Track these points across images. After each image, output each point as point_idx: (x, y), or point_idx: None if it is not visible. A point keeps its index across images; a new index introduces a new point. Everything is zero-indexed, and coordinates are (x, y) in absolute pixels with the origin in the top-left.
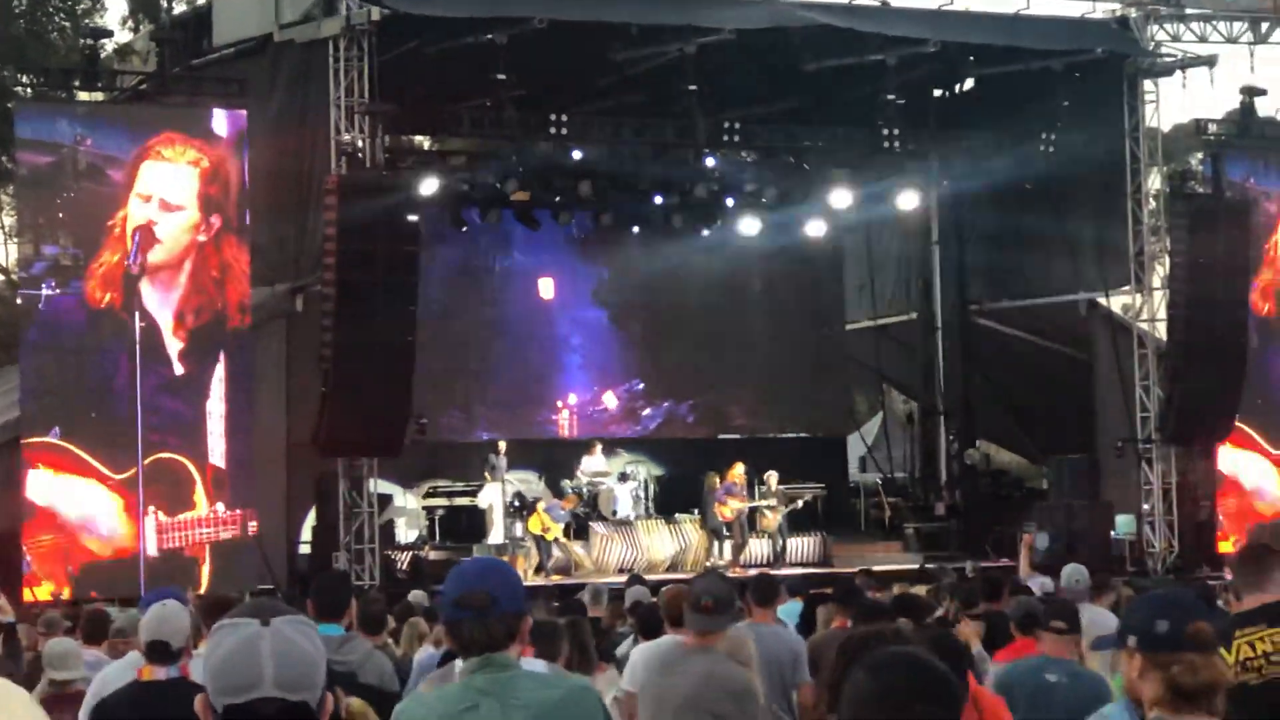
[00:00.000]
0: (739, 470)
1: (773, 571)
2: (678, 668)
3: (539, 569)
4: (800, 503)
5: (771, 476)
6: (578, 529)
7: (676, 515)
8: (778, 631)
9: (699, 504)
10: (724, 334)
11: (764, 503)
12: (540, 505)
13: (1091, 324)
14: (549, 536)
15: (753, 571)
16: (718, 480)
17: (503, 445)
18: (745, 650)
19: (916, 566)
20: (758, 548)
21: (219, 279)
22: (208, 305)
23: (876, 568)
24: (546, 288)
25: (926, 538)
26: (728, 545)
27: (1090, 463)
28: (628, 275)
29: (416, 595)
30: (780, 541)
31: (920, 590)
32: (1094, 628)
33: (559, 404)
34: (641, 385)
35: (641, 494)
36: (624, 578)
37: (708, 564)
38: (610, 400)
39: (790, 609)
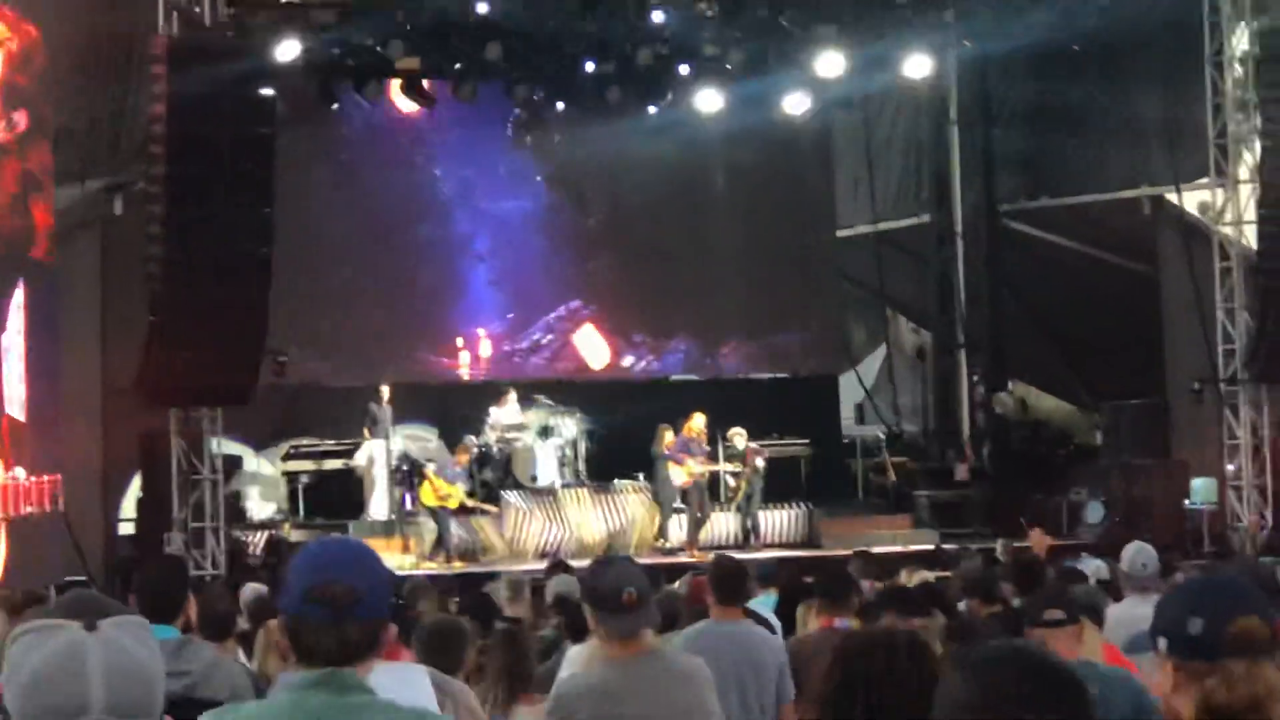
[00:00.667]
0: (698, 422)
1: (741, 555)
2: (627, 694)
3: (436, 551)
4: (764, 462)
5: (738, 435)
6: (486, 499)
7: (616, 482)
8: (751, 633)
9: (646, 468)
10: (677, 243)
11: (730, 466)
12: (430, 469)
13: (1158, 228)
14: (451, 504)
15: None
16: (670, 435)
17: (386, 391)
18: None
19: (931, 547)
20: (722, 524)
21: (19, 195)
22: (3, 226)
23: (877, 549)
24: (444, 183)
25: (943, 510)
26: (683, 521)
27: (1157, 410)
28: (551, 166)
29: (252, 589)
30: (750, 516)
31: (929, 577)
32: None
33: (460, 337)
34: (567, 310)
35: (570, 454)
36: (545, 564)
37: (659, 545)
38: (527, 331)
39: (762, 604)
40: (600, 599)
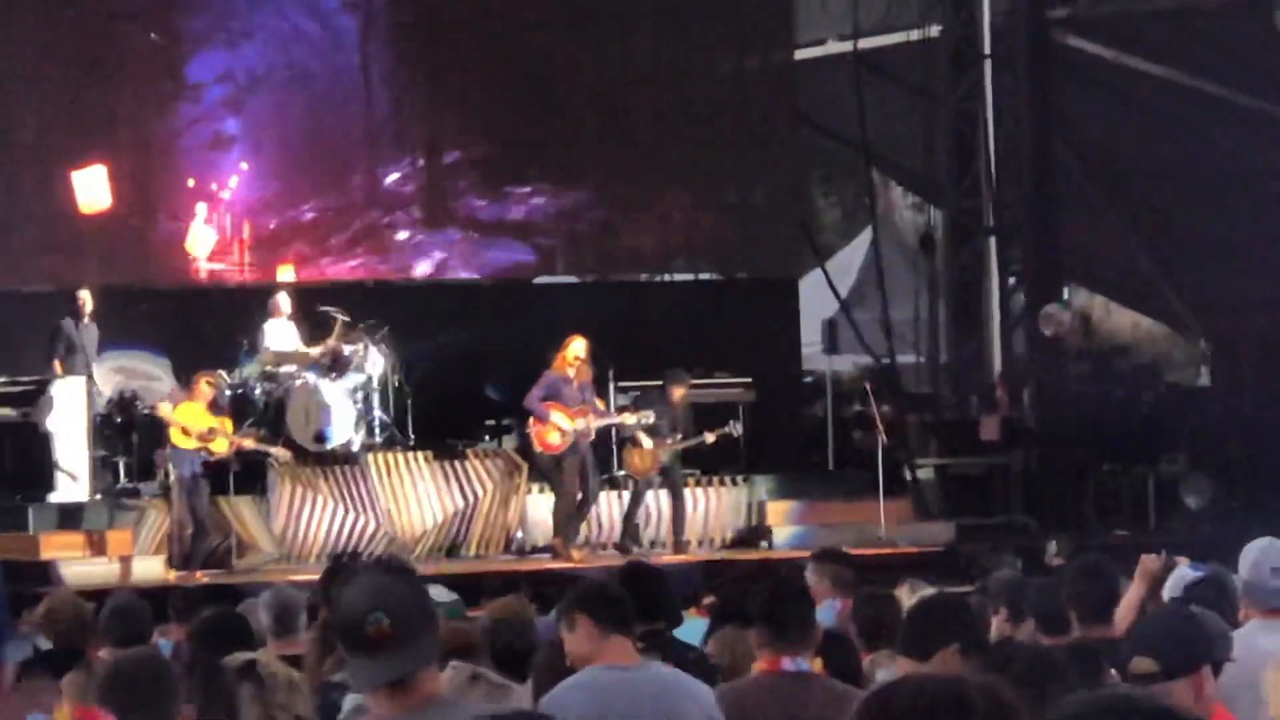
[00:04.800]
0: (576, 349)
1: (647, 557)
2: None
3: (179, 552)
4: (735, 428)
5: (676, 387)
6: (242, 473)
7: (458, 443)
8: (661, 680)
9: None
10: (564, 70)
11: (632, 418)
12: (164, 408)
13: None
14: (217, 445)
15: (607, 561)
16: (561, 364)
17: (86, 298)
18: None
19: (941, 547)
20: (612, 510)
21: None
22: None
23: (855, 549)
24: None
25: (962, 489)
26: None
27: None
28: None
29: None
30: (674, 495)
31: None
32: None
33: (196, 206)
34: (403, 173)
35: (378, 399)
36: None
37: (516, 536)
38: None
39: (687, 633)
40: (341, 630)
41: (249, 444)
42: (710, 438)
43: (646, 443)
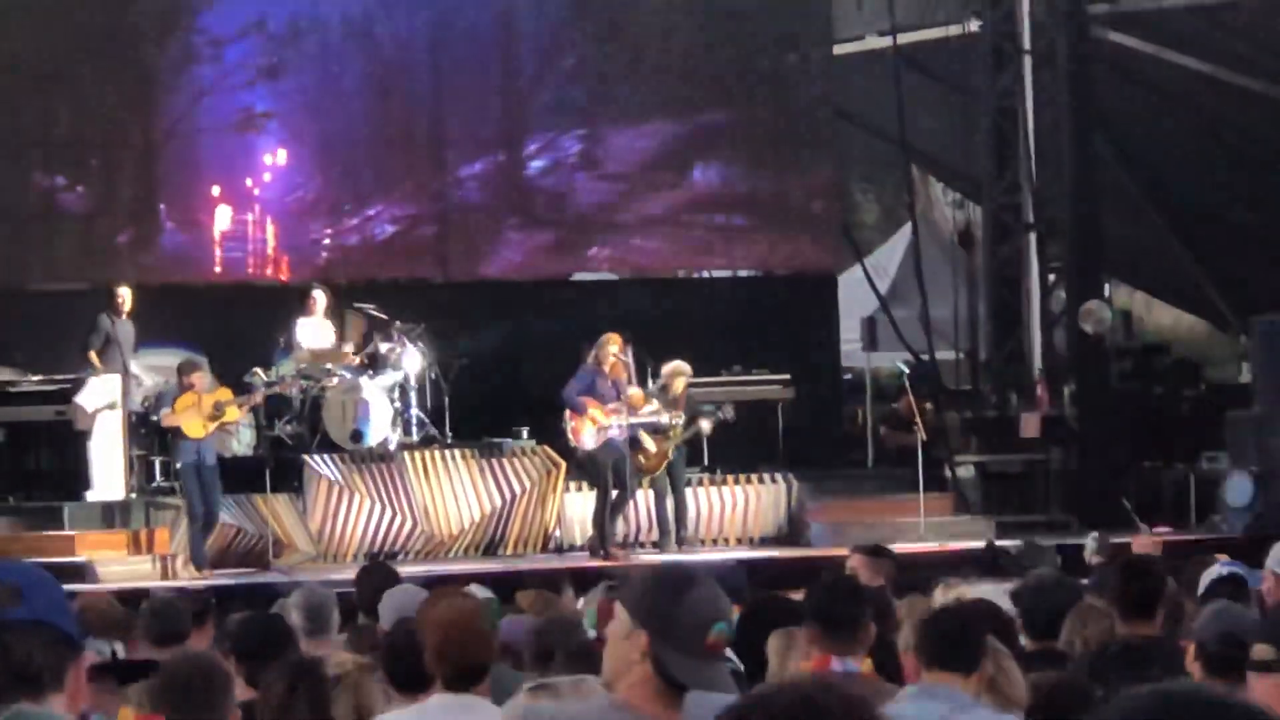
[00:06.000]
0: (611, 346)
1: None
2: None
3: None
4: (726, 411)
5: (677, 374)
6: (279, 471)
7: (499, 440)
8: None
9: (538, 420)
10: (586, 61)
11: (665, 415)
12: (164, 414)
13: None
14: (230, 415)
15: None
16: (596, 361)
17: (126, 295)
18: None
19: (981, 544)
20: (650, 507)
21: None
22: None
23: (899, 546)
24: None
25: (1002, 486)
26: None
27: None
28: None
29: None
30: (675, 492)
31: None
32: None
33: (213, 190)
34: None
35: (415, 397)
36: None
37: (555, 534)
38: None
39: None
40: (681, 630)
41: (259, 399)
42: (707, 426)
43: (649, 443)
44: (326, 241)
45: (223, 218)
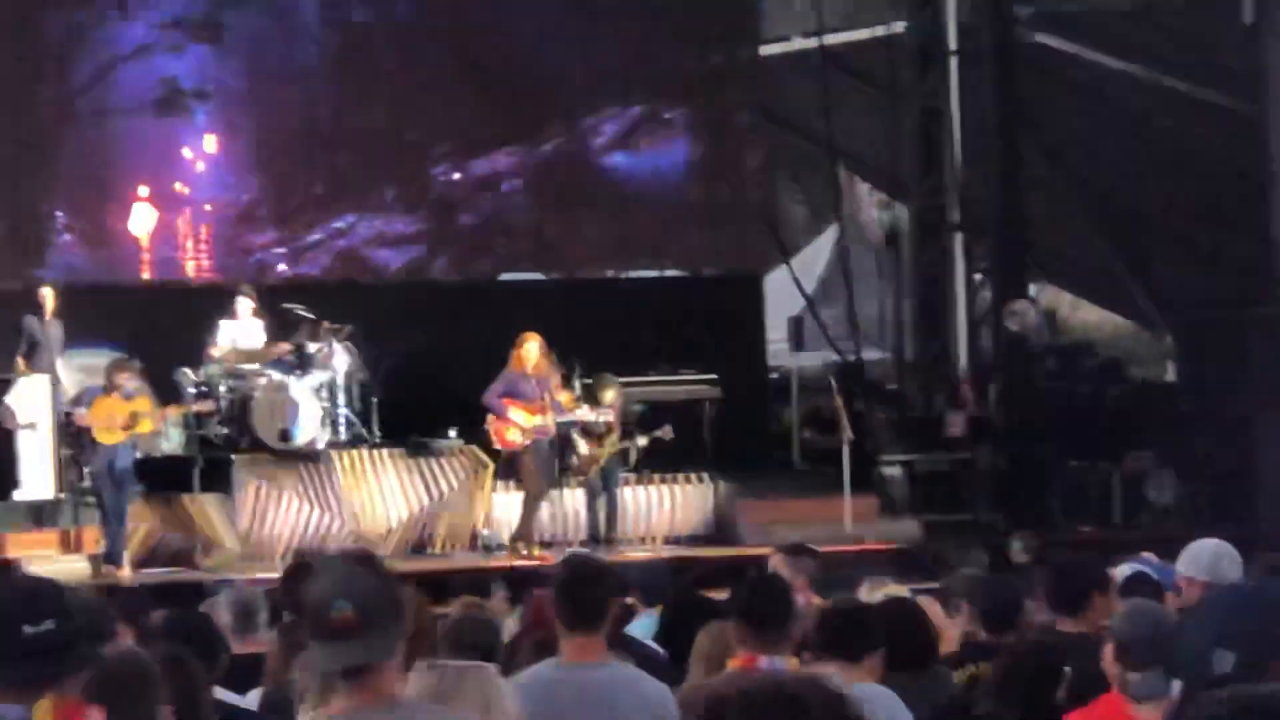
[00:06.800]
0: (529, 346)
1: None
2: None
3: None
4: (666, 432)
5: (608, 386)
6: (207, 471)
7: (428, 440)
8: (615, 680)
9: (464, 421)
10: (515, 65)
11: (588, 414)
12: (78, 413)
13: (1263, 45)
14: (143, 428)
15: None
16: (517, 361)
17: (47, 295)
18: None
19: (907, 545)
20: (579, 508)
21: None
22: None
23: (824, 546)
24: None
25: (928, 486)
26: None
27: (1265, 327)
28: None
29: None
30: (608, 494)
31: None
32: None
33: (135, 190)
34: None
35: (344, 397)
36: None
37: (482, 534)
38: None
39: (642, 628)
40: (310, 613)
41: (174, 412)
42: (643, 441)
43: (581, 445)
44: (259, 250)
45: (140, 220)
